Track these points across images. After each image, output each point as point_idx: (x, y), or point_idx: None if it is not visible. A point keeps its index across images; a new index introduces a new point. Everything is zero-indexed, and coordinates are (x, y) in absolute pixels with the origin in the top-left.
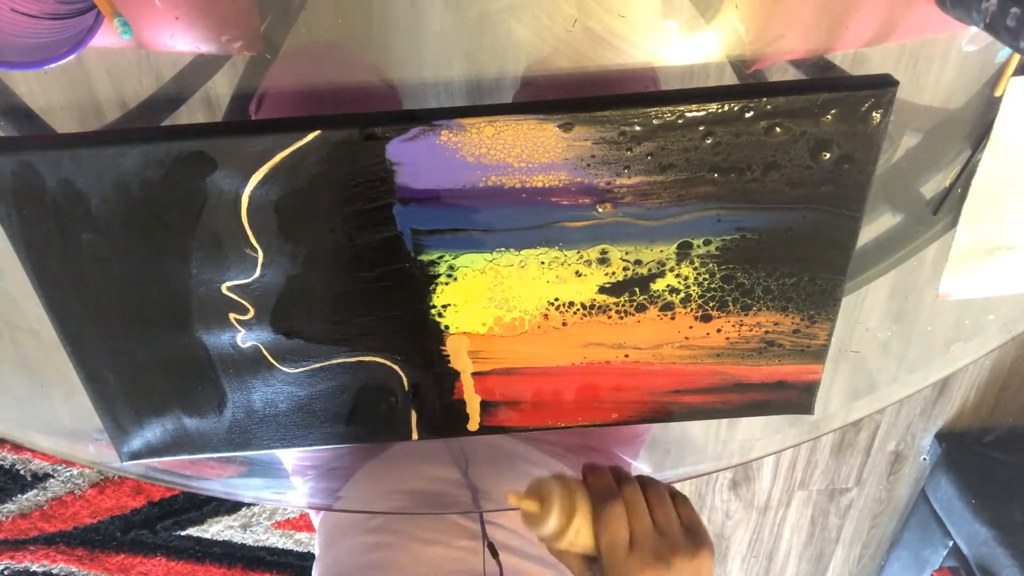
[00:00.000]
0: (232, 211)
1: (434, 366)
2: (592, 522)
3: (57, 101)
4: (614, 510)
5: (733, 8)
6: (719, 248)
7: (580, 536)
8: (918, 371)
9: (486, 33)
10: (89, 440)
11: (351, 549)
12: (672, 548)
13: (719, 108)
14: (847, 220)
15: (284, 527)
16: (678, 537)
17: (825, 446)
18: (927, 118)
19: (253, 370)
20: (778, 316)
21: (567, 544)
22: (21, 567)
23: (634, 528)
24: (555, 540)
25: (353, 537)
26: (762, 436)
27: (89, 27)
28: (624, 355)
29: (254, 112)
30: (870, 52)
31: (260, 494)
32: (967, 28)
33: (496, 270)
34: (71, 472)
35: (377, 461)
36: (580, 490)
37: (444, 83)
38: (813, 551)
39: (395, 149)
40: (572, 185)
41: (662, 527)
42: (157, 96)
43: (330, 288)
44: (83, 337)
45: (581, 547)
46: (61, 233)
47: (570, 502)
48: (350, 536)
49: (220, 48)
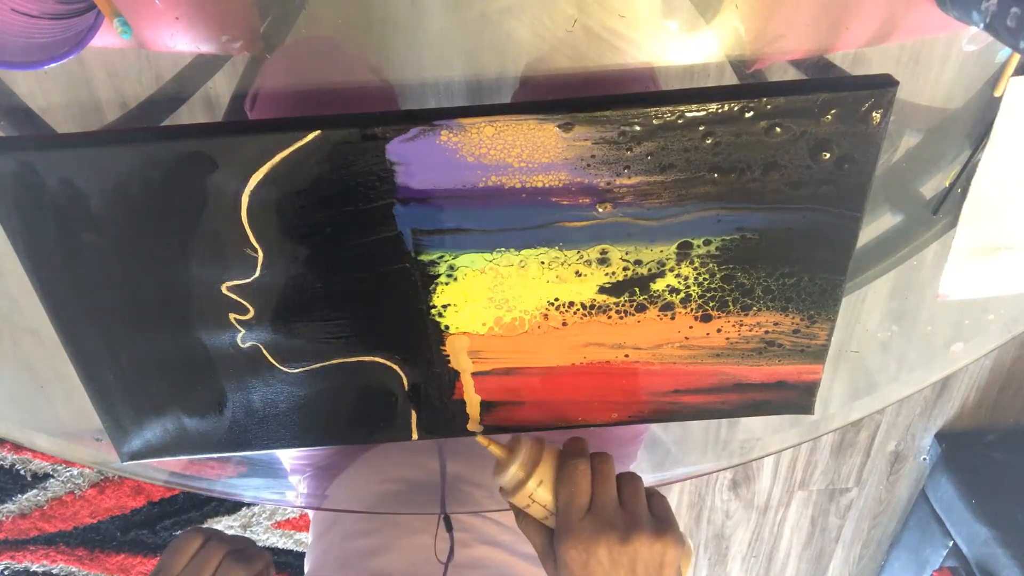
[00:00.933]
0: (232, 211)
1: (434, 366)
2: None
3: (57, 101)
4: (578, 467)
5: (733, 8)
6: (719, 248)
7: (540, 490)
8: (918, 371)
9: (486, 33)
10: (89, 440)
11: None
12: (633, 524)
13: (719, 108)
14: (847, 220)
15: (284, 527)
16: (642, 517)
17: (825, 446)
18: (927, 118)
19: (253, 370)
20: (778, 316)
21: (527, 498)
22: (21, 567)
23: (596, 492)
24: (516, 491)
25: (343, 525)
26: (762, 436)
27: (89, 27)
28: (624, 355)
29: (249, 109)
30: (870, 52)
31: (260, 494)
32: (967, 28)
33: (496, 270)
34: (71, 472)
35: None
36: (550, 448)
37: (444, 83)
38: (813, 551)
39: (395, 149)
40: (572, 185)
41: (628, 504)
42: (157, 96)
43: (330, 288)
44: (83, 337)
45: (541, 504)
46: (61, 233)
47: (536, 455)
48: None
49: (220, 48)
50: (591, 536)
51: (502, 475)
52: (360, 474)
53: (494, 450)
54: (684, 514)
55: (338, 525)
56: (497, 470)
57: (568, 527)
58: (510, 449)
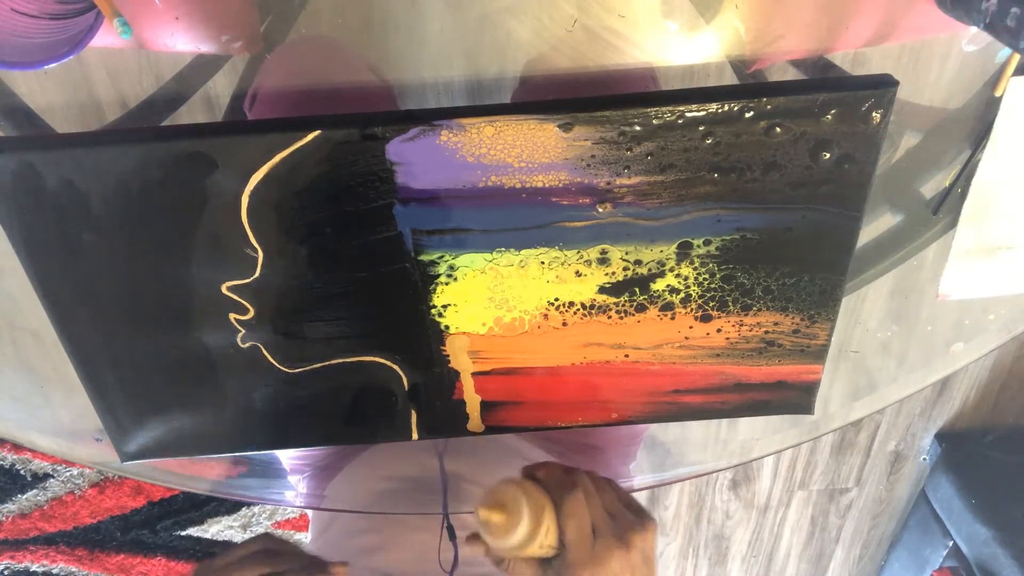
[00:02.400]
0: (232, 211)
1: (434, 366)
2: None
3: (57, 101)
4: (576, 500)
5: (733, 8)
6: (719, 248)
7: (549, 535)
8: (918, 371)
9: (486, 33)
10: (89, 440)
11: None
12: (626, 527)
13: (719, 108)
14: (847, 220)
15: (284, 527)
16: (627, 516)
17: (825, 446)
18: (927, 118)
19: (253, 370)
20: (778, 316)
21: (536, 548)
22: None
23: (592, 514)
24: (526, 545)
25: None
26: (762, 436)
27: (89, 27)
28: (624, 355)
29: (248, 109)
30: (870, 52)
31: (260, 494)
32: (967, 28)
33: (496, 270)
34: (71, 472)
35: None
36: (537, 489)
37: (444, 83)
38: (813, 551)
39: (395, 149)
40: (572, 185)
41: (610, 510)
42: (157, 96)
43: (330, 288)
44: (83, 337)
45: (547, 547)
46: (61, 233)
47: (536, 502)
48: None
49: (220, 48)
50: (603, 557)
51: (510, 536)
52: (358, 473)
53: (497, 519)
54: (684, 514)
55: (338, 522)
56: (499, 532)
57: (582, 558)
58: (503, 507)
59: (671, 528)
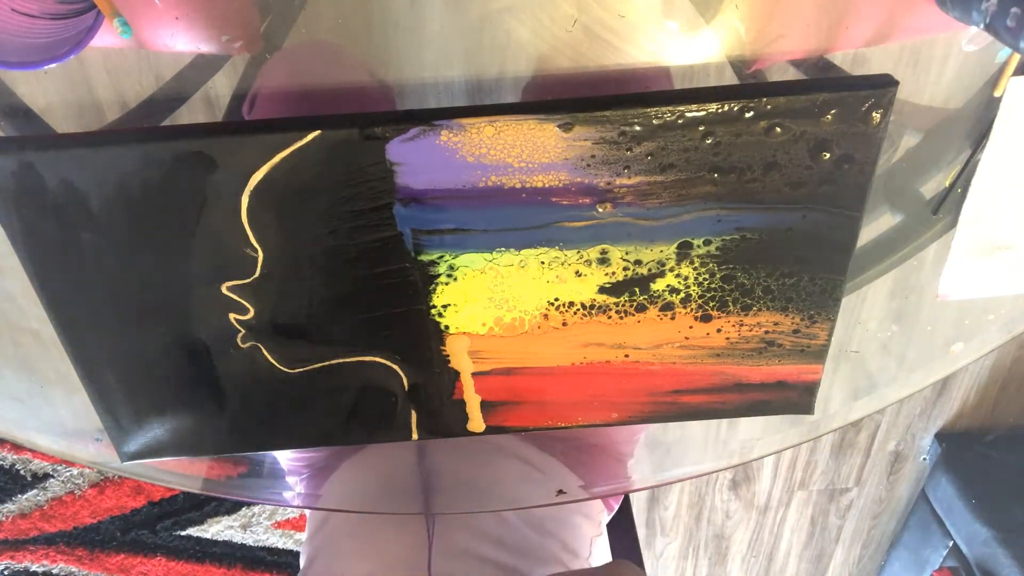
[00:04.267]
0: (232, 211)
1: (434, 366)
2: None
3: (57, 101)
4: None
5: (733, 8)
6: (719, 248)
7: None
8: (918, 371)
9: (486, 33)
10: (89, 440)
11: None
12: None
13: (719, 108)
14: (847, 220)
15: (284, 527)
16: None
17: (825, 446)
18: (927, 118)
19: (253, 370)
20: (778, 316)
21: None
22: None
23: None
24: None
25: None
26: (762, 436)
27: (89, 27)
28: (624, 355)
29: (247, 112)
30: (870, 52)
31: (260, 494)
32: (967, 28)
33: (496, 270)
34: (71, 472)
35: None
36: None
37: (444, 83)
38: (813, 551)
39: (395, 149)
40: (572, 185)
41: None
42: (157, 96)
43: (330, 288)
44: (83, 337)
45: None
46: (61, 233)
47: None
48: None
49: (220, 48)
50: None
51: None
52: (348, 473)
53: None
54: (684, 514)
55: (328, 524)
56: None
57: None
58: None
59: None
